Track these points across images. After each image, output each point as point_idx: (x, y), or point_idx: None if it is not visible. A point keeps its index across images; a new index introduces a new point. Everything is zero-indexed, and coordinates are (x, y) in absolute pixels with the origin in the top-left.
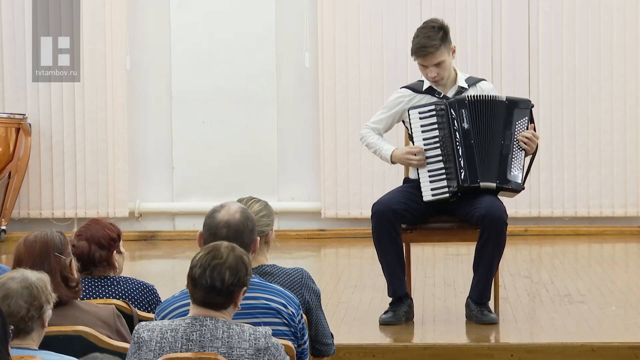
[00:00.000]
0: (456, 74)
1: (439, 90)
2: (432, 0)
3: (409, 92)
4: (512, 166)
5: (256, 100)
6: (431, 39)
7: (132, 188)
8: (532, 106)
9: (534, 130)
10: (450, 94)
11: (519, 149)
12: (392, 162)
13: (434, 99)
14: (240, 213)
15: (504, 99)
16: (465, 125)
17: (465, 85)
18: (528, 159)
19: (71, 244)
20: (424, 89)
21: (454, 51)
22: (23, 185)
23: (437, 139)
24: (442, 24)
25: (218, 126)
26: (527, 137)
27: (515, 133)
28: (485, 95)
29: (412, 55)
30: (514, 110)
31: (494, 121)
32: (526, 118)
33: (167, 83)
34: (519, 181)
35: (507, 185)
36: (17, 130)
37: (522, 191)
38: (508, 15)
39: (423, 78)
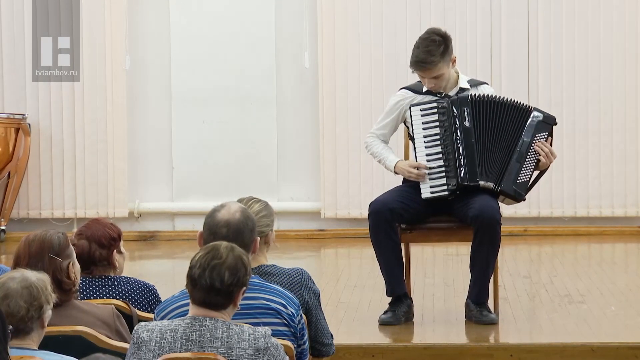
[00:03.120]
0: (457, 76)
1: (440, 90)
2: (431, 0)
3: (410, 93)
4: (521, 174)
5: (256, 100)
6: (431, 54)
7: (132, 188)
8: (556, 124)
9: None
10: (451, 94)
11: (532, 160)
12: (395, 173)
13: (436, 98)
14: (240, 213)
15: (530, 107)
16: (467, 124)
17: (467, 86)
18: (536, 173)
19: (71, 243)
20: (424, 90)
21: (454, 61)
22: (22, 185)
23: (437, 137)
24: (444, 35)
25: (218, 126)
26: (547, 150)
27: (533, 144)
28: (491, 96)
29: (410, 67)
30: (538, 121)
31: (502, 123)
32: (546, 133)
33: (167, 83)
34: (522, 191)
35: (509, 191)
36: (17, 130)
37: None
38: (507, 15)
39: None
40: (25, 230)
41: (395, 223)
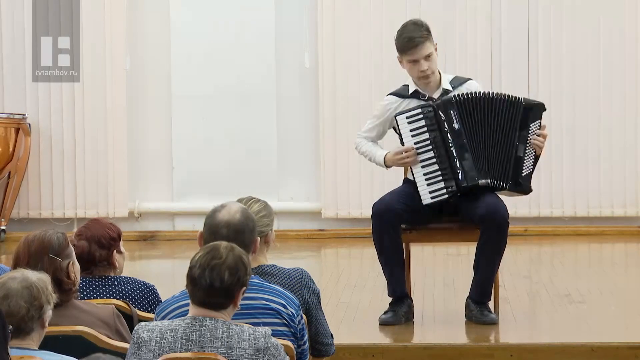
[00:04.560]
0: (440, 75)
1: (424, 92)
2: (431, 0)
3: (396, 98)
4: (525, 166)
5: (256, 100)
6: (418, 31)
7: (132, 188)
8: (545, 109)
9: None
10: (435, 96)
11: (531, 150)
12: (387, 166)
13: (421, 102)
14: (240, 213)
15: (518, 98)
16: (456, 126)
17: (450, 87)
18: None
19: (71, 243)
20: (409, 93)
21: (436, 49)
22: (22, 185)
23: (428, 142)
24: (423, 22)
25: (218, 126)
26: (544, 137)
27: (529, 135)
28: (476, 93)
29: (400, 52)
30: (529, 112)
31: (492, 119)
32: (539, 122)
33: (167, 83)
34: (529, 183)
35: (518, 186)
36: (17, 130)
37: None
38: (507, 15)
39: (408, 82)
40: (25, 230)
41: (399, 224)
